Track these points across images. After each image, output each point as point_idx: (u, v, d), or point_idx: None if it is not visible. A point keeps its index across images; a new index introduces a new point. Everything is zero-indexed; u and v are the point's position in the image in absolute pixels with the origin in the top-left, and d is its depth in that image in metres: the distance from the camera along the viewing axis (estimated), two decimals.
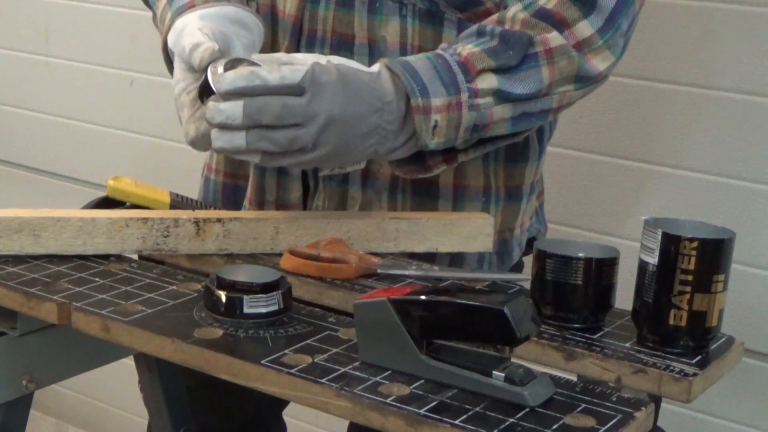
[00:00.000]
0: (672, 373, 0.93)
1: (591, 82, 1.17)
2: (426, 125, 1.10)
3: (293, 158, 1.06)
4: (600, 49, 1.15)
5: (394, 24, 1.21)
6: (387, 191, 1.27)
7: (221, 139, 1.05)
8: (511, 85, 1.12)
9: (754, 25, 1.61)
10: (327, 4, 1.23)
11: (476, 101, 1.12)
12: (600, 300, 1.02)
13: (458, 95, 1.11)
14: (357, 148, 1.09)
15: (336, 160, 1.10)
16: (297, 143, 1.05)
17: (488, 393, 0.86)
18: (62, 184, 2.56)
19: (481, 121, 1.13)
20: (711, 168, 1.69)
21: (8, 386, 1.11)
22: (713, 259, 0.96)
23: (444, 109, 1.11)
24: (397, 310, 0.89)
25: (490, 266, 1.32)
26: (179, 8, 1.18)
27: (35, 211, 1.12)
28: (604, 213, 1.80)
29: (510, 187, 1.31)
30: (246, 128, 1.04)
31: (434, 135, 1.11)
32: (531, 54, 1.13)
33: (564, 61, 1.14)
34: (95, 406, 2.70)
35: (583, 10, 1.14)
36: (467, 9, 1.20)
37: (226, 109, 1.03)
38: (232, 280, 0.99)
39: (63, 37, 2.47)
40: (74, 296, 1.03)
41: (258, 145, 1.04)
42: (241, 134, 1.04)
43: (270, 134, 1.04)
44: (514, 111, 1.14)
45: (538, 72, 1.13)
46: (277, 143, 1.04)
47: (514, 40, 1.13)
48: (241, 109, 1.03)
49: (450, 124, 1.11)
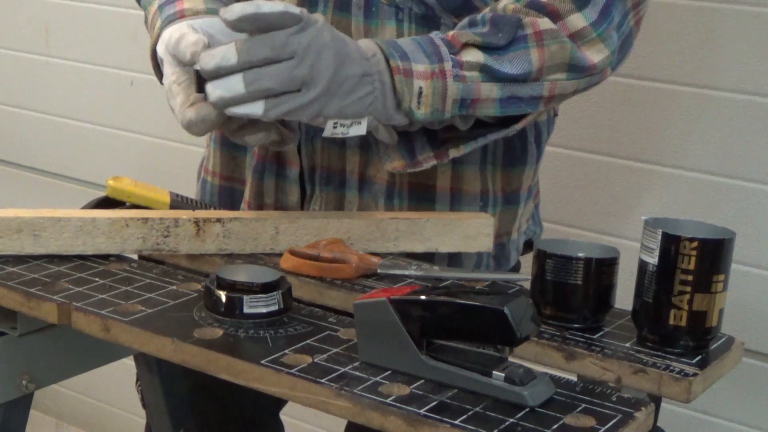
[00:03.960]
0: (672, 373, 0.93)
1: (585, 73, 1.16)
2: (408, 89, 1.09)
3: (294, 100, 1.03)
4: (594, 42, 1.15)
5: (390, 28, 1.21)
6: (384, 195, 1.27)
7: (219, 88, 1.02)
8: (499, 64, 1.12)
9: (755, 26, 1.61)
10: (324, 9, 1.23)
11: (461, 72, 1.11)
12: (600, 300, 1.02)
13: (441, 64, 1.11)
14: (353, 91, 1.07)
15: (335, 104, 1.06)
16: (295, 77, 1.02)
17: (488, 393, 0.86)
18: (62, 184, 2.56)
19: (468, 95, 1.12)
20: (711, 168, 1.69)
21: (8, 386, 1.11)
22: (713, 259, 0.96)
23: (428, 76, 1.10)
24: (397, 310, 0.89)
25: (488, 270, 1.32)
26: (169, 17, 1.17)
27: (35, 211, 1.12)
28: (604, 213, 1.80)
29: (508, 192, 1.31)
30: (241, 69, 1.01)
31: (420, 104, 1.10)
32: (520, 36, 1.12)
33: (555, 46, 1.13)
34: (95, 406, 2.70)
35: (576, 3, 1.14)
36: (463, 14, 1.19)
37: (219, 52, 1.01)
38: (232, 280, 0.99)
39: (63, 37, 2.47)
40: (74, 296, 1.03)
41: (257, 85, 1.01)
42: (238, 77, 1.01)
43: (266, 70, 1.01)
44: (503, 92, 1.13)
45: (526, 53, 1.12)
46: (276, 78, 1.01)
47: (503, 22, 1.12)
48: (234, 50, 1.01)
49: (435, 92, 1.10)
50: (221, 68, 1.01)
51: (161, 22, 1.17)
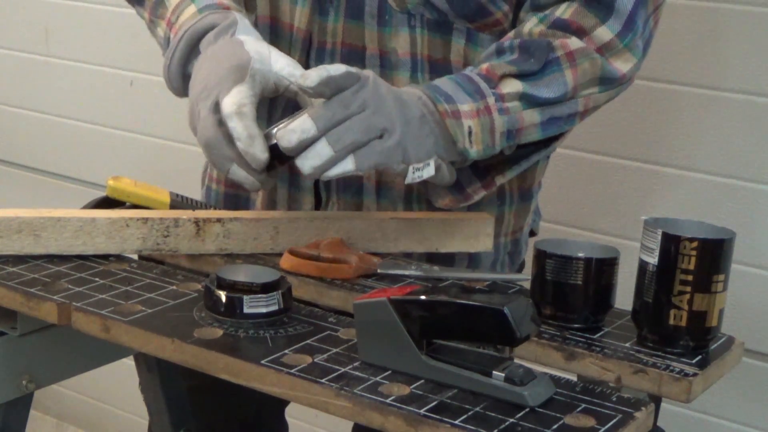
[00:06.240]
0: (672, 373, 0.93)
1: (615, 84, 1.18)
2: (460, 130, 1.09)
3: (380, 147, 1.03)
4: (621, 52, 1.16)
5: (404, 35, 1.21)
6: (402, 201, 1.26)
7: (308, 159, 1.01)
8: (537, 89, 1.13)
9: (759, 26, 1.61)
10: (336, 17, 1.22)
11: (504, 105, 1.12)
12: (600, 300, 1.02)
13: (485, 100, 1.11)
14: (420, 132, 1.07)
15: (413, 145, 1.07)
16: (374, 125, 1.03)
17: (488, 393, 0.86)
18: (62, 184, 2.56)
19: (513, 126, 1.13)
20: (711, 168, 1.69)
21: (8, 386, 1.11)
22: (713, 259, 0.96)
23: (474, 114, 1.10)
24: (397, 310, 0.89)
25: (503, 267, 1.34)
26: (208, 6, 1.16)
27: (35, 211, 1.12)
28: (604, 213, 1.80)
29: (523, 189, 1.32)
30: (322, 133, 1.01)
31: (471, 142, 1.11)
32: (552, 58, 1.13)
33: (587, 63, 1.14)
34: (95, 406, 2.70)
35: (599, 16, 1.14)
36: (476, 19, 1.20)
37: (296, 126, 1.01)
38: (232, 280, 0.99)
39: (63, 37, 2.47)
40: (74, 296, 1.03)
41: (342, 143, 1.01)
42: (322, 142, 1.01)
43: (346, 126, 1.01)
44: (543, 115, 1.14)
45: (561, 75, 1.13)
46: (358, 130, 1.02)
47: (534, 47, 1.13)
48: (309, 120, 1.01)
49: (484, 128, 1.11)
50: (304, 141, 1.01)
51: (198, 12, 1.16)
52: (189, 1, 1.19)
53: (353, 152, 1.03)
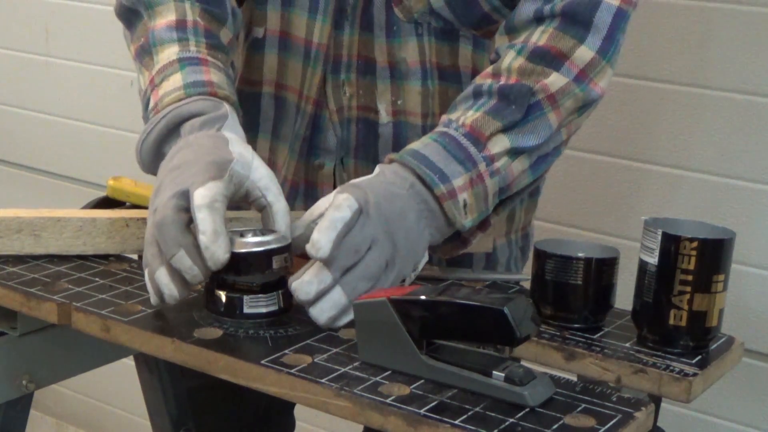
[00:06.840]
0: (672, 373, 0.93)
1: (595, 105, 1.15)
2: (456, 207, 1.07)
3: (384, 280, 1.01)
4: (603, 69, 1.12)
5: (413, 44, 1.21)
6: None
7: (326, 311, 0.98)
8: (523, 139, 1.10)
9: (755, 26, 1.61)
10: (351, 30, 1.22)
11: (495, 166, 1.09)
12: (600, 300, 1.02)
13: (476, 168, 1.08)
14: (419, 239, 1.05)
15: (411, 258, 1.05)
16: (383, 265, 1.00)
17: (488, 393, 0.86)
18: (62, 184, 2.56)
19: (504, 183, 1.11)
20: (711, 168, 1.69)
21: (8, 386, 1.11)
22: (713, 259, 0.96)
23: (468, 185, 1.07)
24: (397, 310, 0.89)
25: (516, 263, 1.34)
26: (196, 84, 1.10)
27: (35, 211, 1.12)
28: (604, 213, 1.80)
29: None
30: (337, 281, 0.98)
31: (466, 214, 1.08)
32: (534, 103, 1.10)
33: (569, 102, 1.11)
34: (95, 406, 2.70)
35: (577, 36, 1.11)
36: (481, 27, 1.20)
37: (311, 278, 0.97)
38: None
39: (63, 37, 2.47)
40: (74, 296, 1.03)
41: (357, 292, 0.98)
42: (338, 292, 0.98)
43: (359, 273, 0.99)
44: (531, 159, 1.12)
45: (545, 119, 1.11)
46: (372, 277, 0.99)
47: (514, 94, 1.10)
48: (325, 270, 0.98)
49: (478, 198, 1.08)
50: (321, 291, 0.98)
51: (185, 88, 1.11)
52: (177, 68, 1.13)
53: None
